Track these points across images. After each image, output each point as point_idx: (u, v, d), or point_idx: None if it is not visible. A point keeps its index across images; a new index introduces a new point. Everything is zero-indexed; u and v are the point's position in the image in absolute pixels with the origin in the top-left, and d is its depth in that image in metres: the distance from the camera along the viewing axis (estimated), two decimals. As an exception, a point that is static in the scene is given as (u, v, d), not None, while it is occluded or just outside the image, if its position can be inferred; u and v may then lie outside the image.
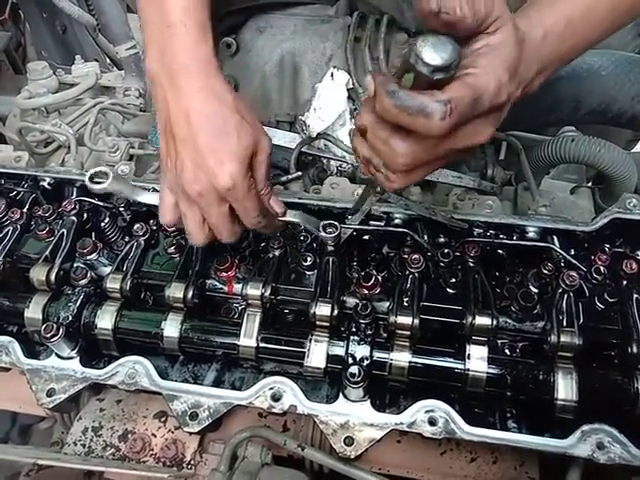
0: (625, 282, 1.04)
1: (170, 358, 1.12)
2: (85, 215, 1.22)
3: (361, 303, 1.02)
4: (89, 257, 1.15)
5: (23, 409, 1.23)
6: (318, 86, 1.41)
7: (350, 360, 0.98)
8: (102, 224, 1.22)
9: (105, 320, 1.07)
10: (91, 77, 2.00)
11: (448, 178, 1.41)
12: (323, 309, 1.00)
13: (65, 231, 1.18)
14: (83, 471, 1.05)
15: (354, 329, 1.01)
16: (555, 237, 1.13)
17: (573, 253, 1.12)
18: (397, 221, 1.17)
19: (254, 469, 0.97)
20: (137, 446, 1.06)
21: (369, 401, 0.95)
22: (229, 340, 1.05)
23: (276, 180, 1.43)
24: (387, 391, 1.05)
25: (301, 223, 1.09)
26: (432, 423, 0.91)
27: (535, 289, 1.05)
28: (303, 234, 1.15)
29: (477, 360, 0.97)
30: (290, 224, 1.13)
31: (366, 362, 0.98)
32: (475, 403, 1.02)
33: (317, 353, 1.00)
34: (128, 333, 1.08)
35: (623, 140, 1.86)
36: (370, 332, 1.01)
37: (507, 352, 1.05)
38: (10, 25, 2.71)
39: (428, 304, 1.05)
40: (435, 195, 1.47)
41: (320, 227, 1.07)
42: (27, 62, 2.37)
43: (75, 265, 1.15)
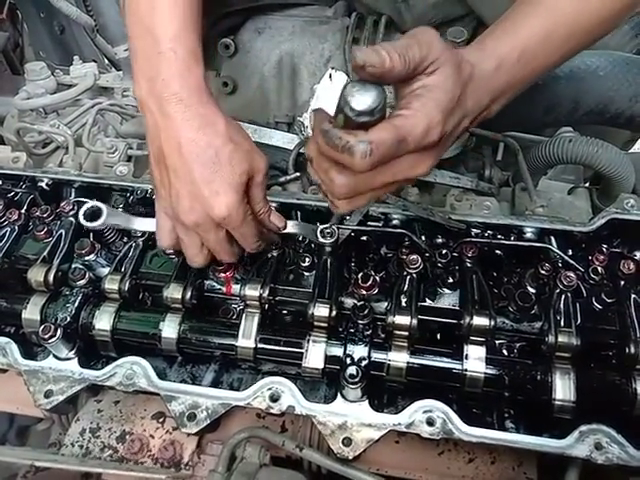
0: (623, 282, 1.04)
1: (168, 359, 1.12)
2: (83, 216, 1.22)
3: (359, 304, 1.02)
4: (87, 258, 1.15)
5: (20, 410, 1.23)
6: (316, 87, 1.41)
7: (348, 361, 0.98)
8: (100, 225, 1.21)
9: (103, 321, 1.06)
10: (89, 78, 2.00)
11: (446, 179, 1.41)
12: (321, 310, 1.00)
13: (63, 232, 1.18)
14: (81, 472, 1.05)
15: (352, 330, 1.01)
16: (553, 237, 1.14)
17: (571, 253, 1.12)
18: (395, 222, 1.17)
19: (252, 470, 0.97)
20: (135, 447, 1.06)
21: (367, 401, 0.95)
22: (227, 341, 1.04)
23: (274, 181, 1.43)
24: (385, 391, 1.05)
25: (298, 233, 1.09)
26: (430, 423, 0.91)
27: (533, 289, 1.05)
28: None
29: (475, 360, 0.97)
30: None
31: (364, 362, 0.98)
32: (473, 403, 1.02)
33: (315, 354, 1.00)
34: (126, 334, 1.07)
35: (621, 140, 1.86)
36: (368, 333, 1.01)
37: (505, 352, 1.05)
38: (8, 25, 2.71)
39: (426, 304, 1.05)
40: (433, 196, 1.47)
41: (317, 233, 1.07)
42: (25, 63, 2.37)
43: (73, 266, 1.14)
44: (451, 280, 1.06)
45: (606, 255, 1.08)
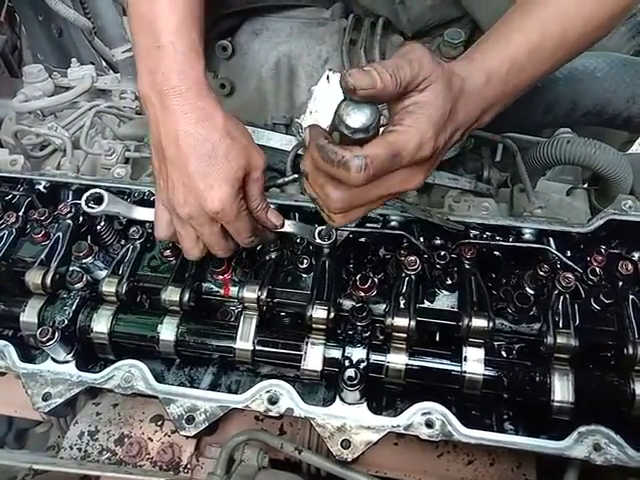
0: (621, 283, 1.05)
1: (166, 361, 1.12)
2: (81, 218, 1.22)
3: (357, 305, 1.02)
4: (85, 260, 1.15)
5: (19, 413, 1.23)
6: (314, 89, 1.41)
7: (347, 363, 0.98)
8: (98, 227, 1.21)
9: (101, 324, 1.06)
10: (87, 80, 2.00)
11: (444, 180, 1.41)
12: (320, 312, 1.00)
13: (61, 234, 1.18)
14: (79, 475, 1.04)
15: (351, 332, 1.01)
16: (551, 239, 1.14)
17: (569, 254, 1.12)
18: (393, 223, 1.17)
19: (251, 472, 0.97)
20: (133, 450, 1.06)
21: (366, 404, 0.95)
22: (225, 343, 1.04)
23: (272, 183, 1.43)
24: (384, 394, 1.05)
25: (296, 232, 1.09)
26: (429, 425, 0.91)
27: (531, 291, 1.05)
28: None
29: (474, 362, 0.97)
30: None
31: (363, 365, 0.97)
32: (472, 405, 1.02)
33: (314, 356, 1.00)
34: (124, 337, 1.07)
35: (618, 141, 1.86)
36: (367, 334, 1.01)
37: (504, 354, 1.05)
38: (6, 28, 2.70)
39: (424, 306, 1.05)
40: (431, 197, 1.47)
41: (315, 234, 1.07)
42: (23, 65, 2.36)
43: (71, 269, 1.14)
44: (449, 281, 1.06)
45: (604, 256, 1.09)
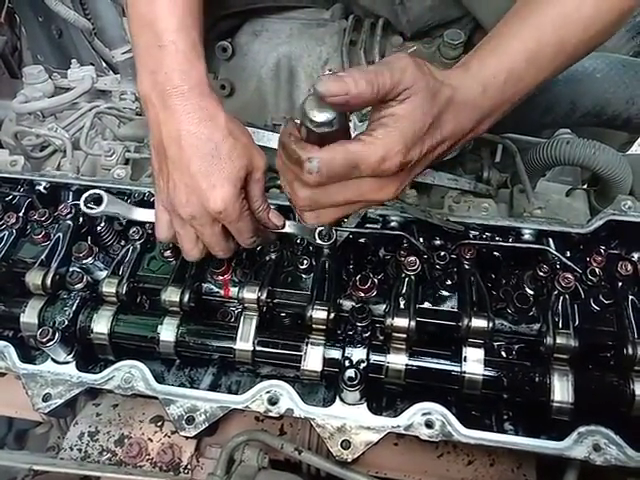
0: (620, 284, 1.05)
1: (166, 362, 1.12)
2: (81, 219, 1.22)
3: (357, 306, 1.02)
4: (85, 261, 1.15)
5: (19, 414, 1.23)
6: (314, 89, 1.41)
7: (347, 363, 0.98)
8: (98, 228, 1.21)
9: (101, 324, 1.06)
10: (87, 81, 2.00)
11: (444, 181, 1.41)
12: (320, 312, 1.00)
13: (61, 235, 1.18)
14: (79, 476, 1.05)
15: (351, 332, 1.01)
16: (550, 239, 1.14)
17: (568, 255, 1.12)
18: (393, 224, 1.17)
19: (251, 473, 0.97)
20: (133, 451, 1.06)
21: (366, 404, 0.95)
22: (225, 344, 1.04)
23: (272, 183, 1.43)
24: (384, 394, 1.05)
25: (296, 233, 1.09)
26: (429, 426, 0.91)
27: (531, 291, 1.05)
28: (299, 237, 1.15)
29: (473, 362, 0.97)
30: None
31: (363, 365, 0.98)
32: (472, 405, 1.02)
33: (314, 356, 1.00)
34: (124, 337, 1.07)
35: (618, 142, 1.87)
36: (367, 335, 1.01)
37: (503, 354, 1.05)
38: (6, 29, 2.70)
39: (424, 307, 1.05)
40: (431, 198, 1.47)
41: (315, 234, 1.07)
42: (23, 66, 2.36)
43: (71, 269, 1.14)
44: (449, 282, 1.06)
45: (604, 256, 1.09)
